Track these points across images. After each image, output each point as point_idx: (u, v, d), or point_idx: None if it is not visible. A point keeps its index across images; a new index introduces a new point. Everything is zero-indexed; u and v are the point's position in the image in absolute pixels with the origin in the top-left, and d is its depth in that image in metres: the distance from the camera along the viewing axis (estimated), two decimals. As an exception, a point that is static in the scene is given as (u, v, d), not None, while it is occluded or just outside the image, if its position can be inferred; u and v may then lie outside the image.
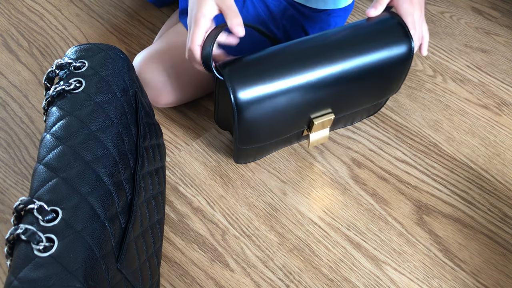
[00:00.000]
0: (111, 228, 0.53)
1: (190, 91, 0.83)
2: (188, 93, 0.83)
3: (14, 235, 0.48)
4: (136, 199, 0.59)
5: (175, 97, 0.82)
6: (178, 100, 0.83)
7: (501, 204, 0.77)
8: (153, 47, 0.82)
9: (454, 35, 1.01)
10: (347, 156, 0.82)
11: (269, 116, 0.66)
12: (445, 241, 0.73)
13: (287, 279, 0.69)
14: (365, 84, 0.70)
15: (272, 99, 0.64)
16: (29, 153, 0.83)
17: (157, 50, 0.80)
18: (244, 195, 0.77)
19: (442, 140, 0.84)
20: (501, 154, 0.82)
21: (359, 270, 0.70)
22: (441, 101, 0.90)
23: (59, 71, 0.63)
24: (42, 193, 0.51)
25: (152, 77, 0.79)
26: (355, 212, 0.76)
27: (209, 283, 0.69)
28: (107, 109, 0.60)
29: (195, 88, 0.83)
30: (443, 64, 0.95)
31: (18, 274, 0.45)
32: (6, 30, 1.02)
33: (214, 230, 0.74)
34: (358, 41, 0.67)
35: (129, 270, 0.55)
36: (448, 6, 1.06)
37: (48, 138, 0.56)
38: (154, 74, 0.79)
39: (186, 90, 0.82)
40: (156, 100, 0.81)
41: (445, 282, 0.69)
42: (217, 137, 0.85)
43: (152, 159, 0.69)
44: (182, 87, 0.81)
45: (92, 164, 0.54)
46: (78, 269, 0.47)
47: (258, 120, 0.66)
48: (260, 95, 0.64)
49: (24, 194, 0.78)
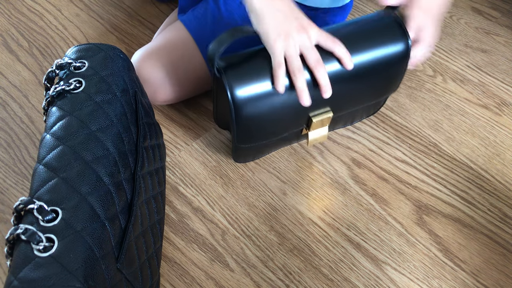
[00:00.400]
0: (111, 228, 0.53)
1: (188, 88, 0.83)
2: (186, 90, 0.83)
3: (14, 235, 0.48)
4: (136, 199, 0.59)
5: (173, 94, 0.82)
6: (176, 97, 0.83)
7: (501, 204, 0.77)
8: (151, 44, 0.82)
9: (454, 35, 1.01)
10: (347, 156, 0.82)
11: (267, 114, 0.66)
12: (445, 241, 0.73)
13: (287, 279, 0.69)
14: (363, 82, 0.70)
15: (270, 96, 0.64)
16: (29, 153, 0.83)
17: (155, 46, 0.81)
18: (244, 195, 0.77)
19: (442, 140, 0.84)
20: (501, 154, 0.82)
21: (359, 270, 0.70)
22: (441, 101, 0.90)
23: (59, 71, 0.63)
24: (42, 193, 0.51)
25: (150, 73, 0.79)
26: (355, 212, 0.76)
27: (209, 283, 0.69)
28: (107, 109, 0.60)
29: (193, 85, 0.84)
30: (443, 64, 0.95)
31: (18, 274, 0.45)
32: (6, 30, 1.02)
33: (214, 230, 0.74)
34: (355, 39, 0.67)
35: (129, 270, 0.55)
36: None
37: (48, 138, 0.56)
38: (152, 70, 0.79)
39: (184, 87, 0.82)
40: (154, 96, 0.81)
41: (445, 282, 0.69)
42: (217, 137, 0.85)
43: (152, 159, 0.69)
44: (180, 84, 0.81)
45: (92, 164, 0.54)
46: (78, 269, 0.47)
47: (256, 118, 0.66)
48: (258, 93, 0.63)
49: (24, 194, 0.78)
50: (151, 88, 0.80)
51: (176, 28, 0.83)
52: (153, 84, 0.80)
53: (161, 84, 0.80)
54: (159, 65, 0.79)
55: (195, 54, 0.81)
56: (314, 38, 0.62)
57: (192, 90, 0.85)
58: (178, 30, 0.82)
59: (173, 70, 0.80)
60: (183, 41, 0.81)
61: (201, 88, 0.86)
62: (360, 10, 1.05)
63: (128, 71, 0.67)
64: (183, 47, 0.80)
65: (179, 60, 0.80)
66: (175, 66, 0.80)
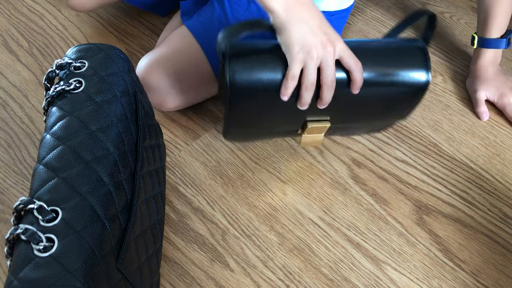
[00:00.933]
0: (111, 228, 0.53)
1: (195, 95, 0.83)
2: (193, 97, 0.83)
3: (14, 235, 0.48)
4: (136, 199, 0.59)
5: (181, 101, 0.81)
6: (184, 104, 0.83)
7: (501, 204, 0.77)
8: (157, 51, 0.81)
9: (454, 35, 1.01)
10: (347, 156, 0.82)
11: (264, 108, 0.64)
12: (445, 241, 0.73)
13: (287, 279, 0.69)
14: (369, 99, 0.66)
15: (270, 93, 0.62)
16: (29, 153, 0.83)
17: (162, 54, 0.80)
18: (244, 195, 0.77)
19: (442, 140, 0.84)
20: (501, 154, 0.82)
21: (359, 270, 0.70)
22: (441, 101, 0.90)
23: (59, 71, 0.63)
24: (42, 193, 0.51)
25: (158, 81, 0.78)
26: (355, 212, 0.76)
27: (209, 283, 0.69)
28: (107, 109, 0.60)
29: (201, 91, 0.83)
30: (443, 64, 0.95)
31: (18, 274, 0.45)
32: (6, 30, 1.02)
33: (214, 230, 0.74)
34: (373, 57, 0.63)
35: (129, 270, 0.55)
36: (448, 6, 1.06)
37: (48, 138, 0.56)
38: (160, 79, 0.78)
39: (191, 93, 0.82)
40: (162, 104, 0.81)
41: (445, 282, 0.69)
42: (217, 137, 0.85)
43: (152, 159, 0.69)
44: (187, 91, 0.81)
45: (92, 164, 0.54)
46: (78, 269, 0.47)
47: (251, 109, 0.64)
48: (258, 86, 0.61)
49: (24, 194, 0.78)
50: (159, 96, 0.79)
51: (182, 34, 0.82)
52: (161, 93, 0.79)
53: (169, 92, 0.79)
54: (166, 73, 0.78)
55: (202, 61, 0.80)
56: (338, 53, 0.60)
57: (199, 97, 0.84)
58: (184, 37, 0.81)
59: (181, 78, 0.79)
60: (190, 48, 0.80)
61: (209, 94, 0.85)
62: (360, 10, 1.05)
63: (128, 71, 0.67)
64: (189, 54, 0.80)
65: (186, 68, 0.79)
66: (183, 74, 0.79)
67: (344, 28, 1.00)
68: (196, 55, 0.80)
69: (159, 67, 0.78)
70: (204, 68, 0.80)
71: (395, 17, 1.03)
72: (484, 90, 0.86)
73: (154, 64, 0.79)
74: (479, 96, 0.86)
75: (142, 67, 0.79)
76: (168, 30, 0.94)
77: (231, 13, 0.82)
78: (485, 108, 0.86)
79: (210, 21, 0.81)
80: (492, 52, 0.86)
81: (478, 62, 0.88)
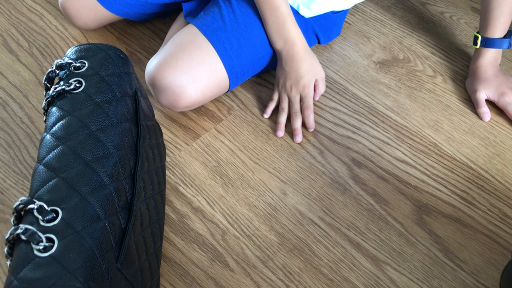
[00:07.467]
0: (111, 228, 0.53)
1: (208, 92, 0.82)
2: (207, 94, 0.82)
3: (14, 235, 0.48)
4: (136, 199, 0.59)
5: (196, 99, 0.80)
6: (198, 102, 0.82)
7: (501, 204, 0.77)
8: (166, 51, 0.80)
9: (454, 35, 1.01)
10: (347, 156, 0.82)
11: None
12: (445, 241, 0.73)
13: (287, 279, 0.69)
14: None
15: None
16: (29, 153, 0.83)
17: (172, 53, 0.79)
18: (244, 195, 0.77)
19: (442, 140, 0.84)
20: (501, 154, 0.82)
21: (359, 270, 0.70)
22: (441, 101, 0.90)
23: (59, 71, 0.63)
24: (42, 193, 0.51)
25: (171, 82, 0.77)
26: (355, 212, 0.76)
27: (209, 283, 0.69)
28: (107, 109, 0.60)
29: (214, 88, 0.83)
30: (443, 64, 0.95)
31: (18, 274, 0.45)
32: (6, 30, 1.02)
33: (214, 230, 0.74)
34: None
35: (129, 270, 0.55)
36: (448, 6, 1.06)
37: (48, 138, 0.56)
38: (172, 78, 0.78)
39: (204, 91, 0.81)
40: (176, 104, 0.80)
41: (445, 282, 0.69)
42: (217, 137, 0.85)
43: (152, 159, 0.69)
44: (202, 89, 0.80)
45: (92, 164, 0.55)
46: (78, 269, 0.47)
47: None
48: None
49: (24, 194, 0.78)
50: (172, 95, 0.78)
51: (191, 32, 0.82)
52: (174, 92, 0.78)
53: (183, 91, 0.78)
54: (178, 72, 0.78)
55: (214, 57, 0.80)
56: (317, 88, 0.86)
57: (212, 94, 0.84)
58: (193, 35, 0.81)
59: (194, 76, 0.79)
60: (200, 46, 0.80)
61: (222, 90, 0.85)
62: (360, 10, 1.05)
63: (128, 71, 0.67)
64: (201, 52, 0.79)
65: (199, 65, 0.79)
66: (196, 72, 0.79)
67: (344, 28, 1.00)
68: (208, 54, 0.80)
69: (171, 66, 0.78)
70: (218, 65, 0.81)
71: (395, 17, 1.03)
72: (484, 90, 0.86)
73: (166, 64, 0.78)
74: (479, 96, 0.86)
75: (153, 68, 0.79)
76: (173, 31, 0.94)
77: (239, 9, 0.82)
78: (486, 109, 0.86)
79: (219, 17, 0.82)
80: (494, 52, 0.86)
81: (478, 61, 0.87)
